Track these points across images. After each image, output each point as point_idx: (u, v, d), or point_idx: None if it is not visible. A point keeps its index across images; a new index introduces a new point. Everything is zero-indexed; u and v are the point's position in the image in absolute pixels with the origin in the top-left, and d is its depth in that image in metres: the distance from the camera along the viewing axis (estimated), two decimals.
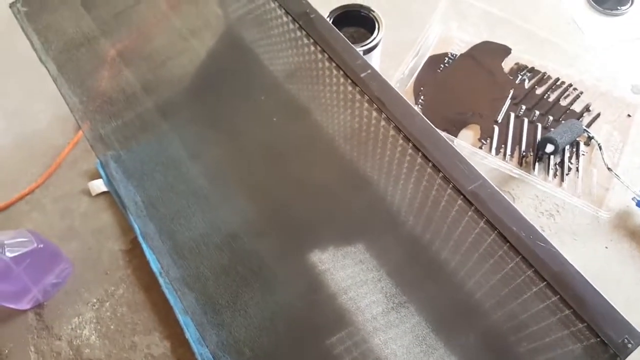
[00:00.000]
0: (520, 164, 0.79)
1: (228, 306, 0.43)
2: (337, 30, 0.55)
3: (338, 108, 0.52)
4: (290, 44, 0.55)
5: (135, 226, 0.76)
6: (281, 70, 0.54)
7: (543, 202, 0.76)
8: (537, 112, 0.83)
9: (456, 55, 0.89)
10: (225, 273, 0.43)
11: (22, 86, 0.90)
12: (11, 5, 0.58)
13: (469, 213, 0.46)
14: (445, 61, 0.88)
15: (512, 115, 0.83)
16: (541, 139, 0.80)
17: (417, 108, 0.79)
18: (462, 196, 0.47)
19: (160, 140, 0.50)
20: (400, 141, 0.50)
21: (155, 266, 0.72)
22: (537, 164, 0.78)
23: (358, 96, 0.52)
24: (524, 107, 0.83)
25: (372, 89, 0.52)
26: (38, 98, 0.88)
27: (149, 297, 0.71)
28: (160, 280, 0.71)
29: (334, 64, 0.54)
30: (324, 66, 0.54)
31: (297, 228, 0.46)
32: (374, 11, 0.81)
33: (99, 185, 0.78)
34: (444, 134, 0.52)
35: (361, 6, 0.81)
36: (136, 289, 0.72)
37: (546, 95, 0.84)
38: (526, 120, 0.82)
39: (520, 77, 0.86)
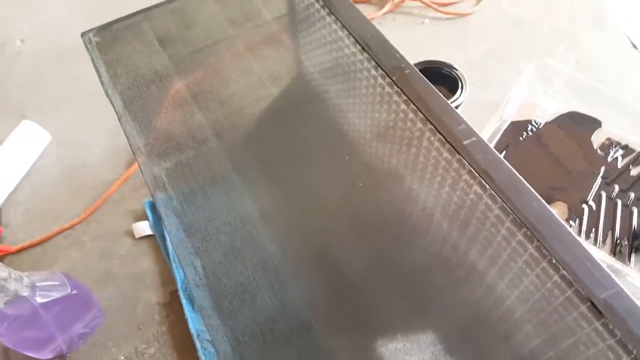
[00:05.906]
0: (613, 252, 0.69)
1: None
2: (435, 89, 0.48)
3: (435, 177, 0.44)
4: (381, 100, 0.49)
5: (177, 277, 0.70)
6: (369, 128, 0.48)
7: None
8: (633, 195, 0.73)
9: (540, 123, 0.81)
10: None
11: (78, 116, 0.88)
12: (83, 35, 0.55)
13: (599, 328, 0.37)
14: (529, 129, 0.80)
15: (604, 195, 0.74)
16: (638, 226, 0.70)
17: None
18: (589, 304, 0.38)
19: (229, 195, 0.43)
20: (510, 225, 0.42)
21: (193, 327, 0.65)
22: (633, 254, 0.68)
23: (459, 166, 0.45)
24: (617, 187, 0.74)
25: (477, 160, 0.44)
26: (92, 130, 0.85)
27: None
28: (197, 345, 0.63)
29: (430, 126, 0.47)
30: (419, 128, 0.47)
31: (384, 322, 0.38)
32: (457, 69, 0.75)
33: (143, 228, 0.72)
34: None
35: (443, 63, 0.75)
36: (169, 350, 0.64)
37: None
38: (620, 202, 0.73)
39: (612, 153, 0.78)
